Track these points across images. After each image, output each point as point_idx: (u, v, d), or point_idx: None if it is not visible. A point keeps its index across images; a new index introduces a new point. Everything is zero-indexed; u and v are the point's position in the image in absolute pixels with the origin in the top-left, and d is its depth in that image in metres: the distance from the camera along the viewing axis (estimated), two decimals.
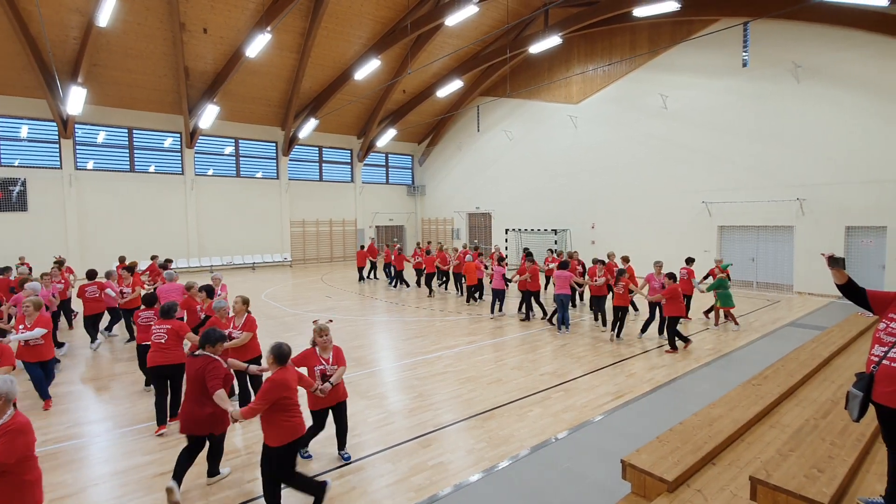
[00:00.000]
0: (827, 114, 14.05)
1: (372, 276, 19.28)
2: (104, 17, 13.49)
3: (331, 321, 5.37)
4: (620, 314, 9.54)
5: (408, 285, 17.01)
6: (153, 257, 13.97)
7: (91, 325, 9.37)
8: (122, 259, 13.30)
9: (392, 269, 17.48)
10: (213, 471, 4.65)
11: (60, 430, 5.78)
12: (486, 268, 13.70)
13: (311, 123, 22.70)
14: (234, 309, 6.15)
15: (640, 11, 14.43)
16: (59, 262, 11.85)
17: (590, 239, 20.55)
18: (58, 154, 19.16)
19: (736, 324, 10.53)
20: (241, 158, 24.04)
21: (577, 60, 20.98)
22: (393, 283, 17.26)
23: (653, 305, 9.79)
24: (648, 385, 7.07)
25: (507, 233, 23.52)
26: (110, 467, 4.93)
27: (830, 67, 13.90)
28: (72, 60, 16.96)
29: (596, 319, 10.86)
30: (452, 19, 15.12)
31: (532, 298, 11.58)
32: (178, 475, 4.25)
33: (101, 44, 16.69)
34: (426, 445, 5.27)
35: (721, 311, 10.79)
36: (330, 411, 4.85)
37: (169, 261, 12.50)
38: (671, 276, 9.02)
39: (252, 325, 6.07)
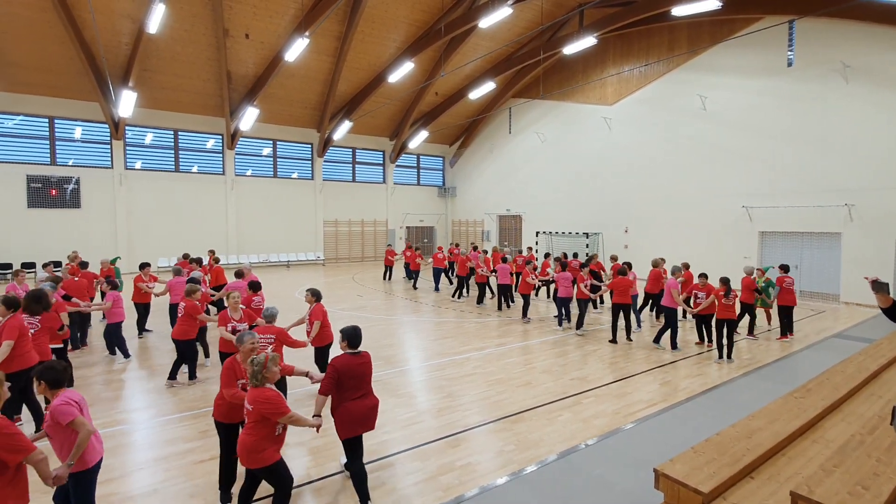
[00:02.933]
0: (878, 116, 13.33)
1: (389, 278, 19.34)
2: (154, 24, 14.18)
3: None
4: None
5: (416, 286, 17.13)
6: (210, 252, 14.35)
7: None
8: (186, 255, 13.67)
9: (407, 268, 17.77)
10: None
11: (109, 416, 6.11)
12: (493, 271, 13.85)
13: (346, 125, 23.13)
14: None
15: (679, 11, 14.07)
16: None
17: (623, 243, 20.14)
18: (109, 154, 20.24)
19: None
20: (278, 159, 24.74)
21: (612, 61, 20.62)
22: (413, 284, 17.39)
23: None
24: (683, 394, 6.89)
25: (537, 235, 23.32)
26: (154, 453, 5.18)
27: (881, 68, 13.18)
28: (123, 65, 17.88)
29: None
30: (486, 21, 15.13)
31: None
32: None
33: (151, 49, 17.53)
34: (454, 446, 5.30)
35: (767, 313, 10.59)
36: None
37: (197, 259, 12.73)
38: (703, 275, 9.08)
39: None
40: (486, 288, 14.50)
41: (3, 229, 18.17)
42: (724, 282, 8.56)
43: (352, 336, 4.25)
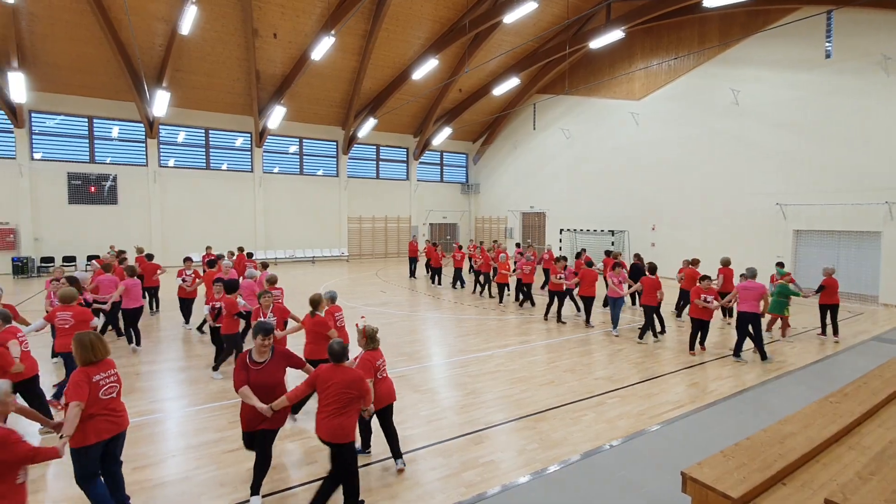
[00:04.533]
0: None
1: (415, 274, 19.39)
2: (186, 26, 14.58)
3: (363, 317, 5.57)
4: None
5: (463, 285, 17.14)
6: (240, 249, 14.70)
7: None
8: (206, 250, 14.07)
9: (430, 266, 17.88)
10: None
11: (143, 405, 6.35)
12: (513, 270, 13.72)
13: (370, 123, 23.33)
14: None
15: (710, 2, 13.64)
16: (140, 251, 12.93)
17: (650, 241, 19.74)
18: (144, 152, 20.96)
19: (783, 335, 9.91)
20: (304, 157, 25.15)
21: (640, 55, 20.18)
22: (436, 280, 17.43)
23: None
24: (712, 396, 6.73)
25: (561, 233, 23.08)
26: (185, 442, 5.36)
27: None
28: (157, 66, 18.46)
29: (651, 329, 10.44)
30: (511, 17, 15.01)
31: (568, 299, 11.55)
32: None
33: (183, 50, 18.04)
34: (477, 443, 5.32)
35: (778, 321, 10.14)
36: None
37: (220, 256, 13.05)
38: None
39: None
40: (507, 287, 14.29)
41: (46, 224, 19.06)
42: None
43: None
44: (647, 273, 9.82)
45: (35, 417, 3.81)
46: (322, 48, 16.30)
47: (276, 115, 20.76)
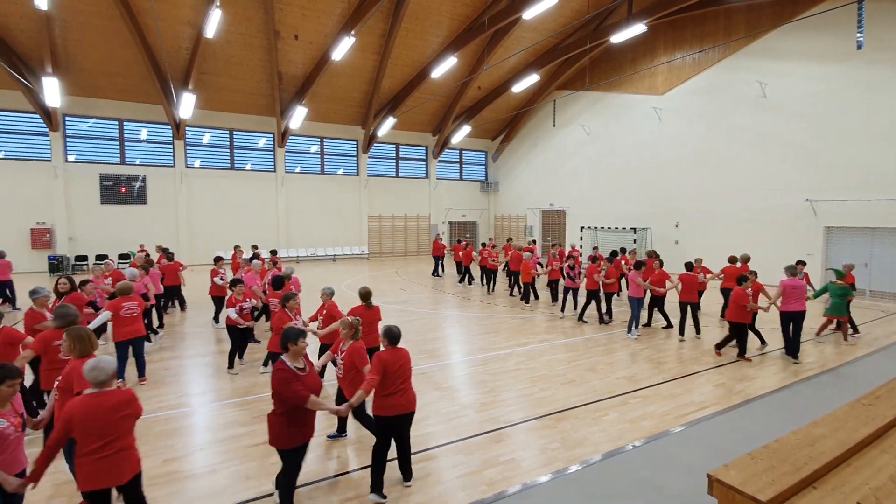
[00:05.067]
0: None
1: (440, 272, 19.43)
2: (211, 29, 14.90)
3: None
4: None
5: (471, 281, 17.12)
6: (272, 252, 14.93)
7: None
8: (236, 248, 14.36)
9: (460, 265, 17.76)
10: None
11: (172, 399, 6.54)
12: (540, 266, 13.57)
13: (390, 122, 23.45)
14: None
15: None
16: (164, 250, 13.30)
17: (673, 238, 19.37)
18: (171, 154, 21.52)
19: (846, 339, 9.44)
20: (325, 156, 25.46)
21: (663, 49, 19.77)
22: (462, 280, 17.40)
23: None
24: (738, 397, 6.58)
25: (581, 230, 22.83)
26: (212, 435, 5.51)
27: None
28: (183, 69, 18.92)
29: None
30: (530, 12, 14.88)
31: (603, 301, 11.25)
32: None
33: (208, 53, 18.44)
34: (498, 441, 5.32)
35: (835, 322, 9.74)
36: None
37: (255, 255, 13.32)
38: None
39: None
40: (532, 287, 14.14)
41: (80, 224, 19.76)
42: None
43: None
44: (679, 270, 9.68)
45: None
46: (342, 48, 16.45)
47: (298, 116, 21.05)
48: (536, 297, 13.72)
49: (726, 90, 17.55)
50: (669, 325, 10.44)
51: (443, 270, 19.21)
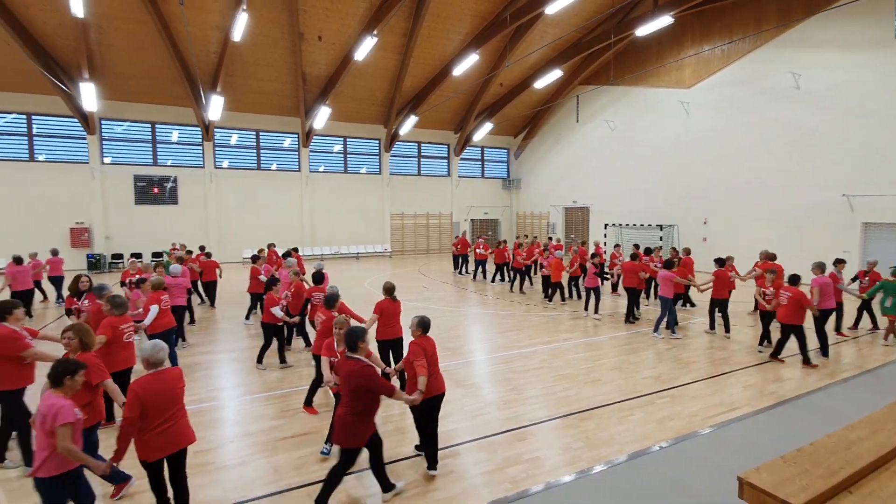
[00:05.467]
0: None
1: (466, 270, 19.41)
2: (238, 32, 15.24)
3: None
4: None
5: (502, 280, 17.07)
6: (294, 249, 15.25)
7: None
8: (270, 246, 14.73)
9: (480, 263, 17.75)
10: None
11: (204, 393, 6.76)
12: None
13: (412, 120, 23.55)
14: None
15: None
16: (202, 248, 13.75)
17: (701, 236, 18.90)
18: (201, 155, 22.14)
19: (886, 339, 9.06)
20: (348, 155, 25.76)
21: (690, 41, 19.28)
22: (493, 279, 17.25)
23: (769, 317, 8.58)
24: (770, 399, 6.40)
25: (605, 228, 22.50)
26: (242, 428, 5.67)
27: None
28: (212, 72, 19.42)
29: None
30: (553, 7, 14.72)
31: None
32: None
33: (235, 56, 18.87)
34: (521, 439, 5.32)
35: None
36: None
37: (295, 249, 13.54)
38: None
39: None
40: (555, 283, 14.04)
41: (115, 223, 20.54)
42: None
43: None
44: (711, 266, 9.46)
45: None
46: (364, 48, 16.59)
47: (322, 116, 21.34)
48: (564, 298, 13.46)
49: (757, 82, 17.00)
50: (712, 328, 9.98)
51: (466, 268, 19.21)
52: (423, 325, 4.78)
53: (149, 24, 16.62)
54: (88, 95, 16.84)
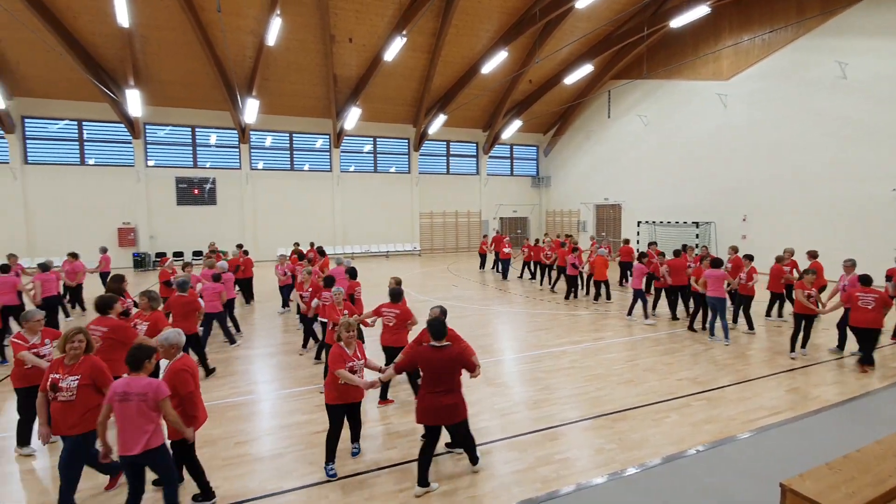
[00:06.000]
0: None
1: (499, 267, 19.24)
2: (272, 37, 15.65)
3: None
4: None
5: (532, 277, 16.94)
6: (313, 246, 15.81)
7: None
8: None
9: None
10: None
11: (241, 387, 7.00)
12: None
13: (440, 119, 23.62)
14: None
15: None
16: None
17: (740, 233, 18.22)
18: (238, 157, 22.88)
19: None
20: (377, 155, 26.08)
21: (728, 31, 18.58)
22: (532, 277, 17.06)
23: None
24: (815, 403, 6.14)
25: (639, 225, 21.98)
26: (277, 422, 5.85)
27: None
28: (248, 76, 20.03)
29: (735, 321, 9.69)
30: (583, 1, 14.45)
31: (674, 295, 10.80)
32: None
33: (269, 60, 19.40)
34: (552, 439, 5.28)
35: None
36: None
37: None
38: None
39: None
40: (578, 281, 13.83)
41: (159, 223, 21.49)
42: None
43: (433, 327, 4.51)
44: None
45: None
46: (394, 49, 16.75)
47: (352, 117, 21.67)
48: (609, 296, 13.22)
49: (800, 72, 16.24)
50: (751, 329, 9.60)
51: (499, 267, 19.05)
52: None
53: (188, 31, 17.28)
54: (134, 101, 17.67)
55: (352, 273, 8.58)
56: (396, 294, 6.43)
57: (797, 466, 4.12)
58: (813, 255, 10.06)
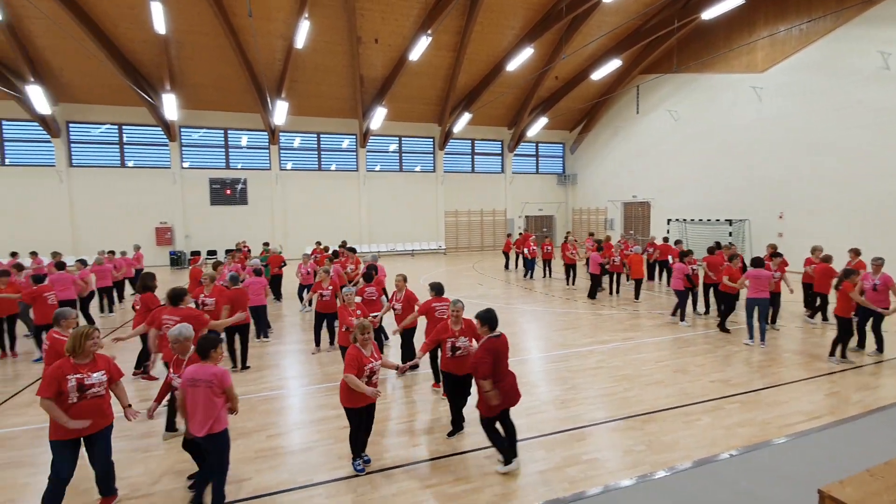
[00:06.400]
0: None
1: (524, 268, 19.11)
2: (300, 40, 15.97)
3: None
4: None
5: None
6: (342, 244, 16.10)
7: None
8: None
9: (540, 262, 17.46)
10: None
11: (273, 382, 7.20)
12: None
13: (465, 117, 23.62)
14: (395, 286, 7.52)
15: None
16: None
17: (776, 231, 17.59)
18: (268, 158, 23.46)
19: None
20: (403, 154, 26.28)
21: (763, 22, 17.93)
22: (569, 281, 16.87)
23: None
24: (856, 408, 5.90)
25: (668, 223, 21.47)
26: (307, 416, 6.00)
27: None
28: (277, 79, 20.49)
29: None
30: None
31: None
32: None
33: (298, 62, 19.79)
34: (580, 439, 5.25)
35: None
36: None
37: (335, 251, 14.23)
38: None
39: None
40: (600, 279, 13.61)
41: (194, 223, 22.25)
42: None
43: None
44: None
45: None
46: (419, 49, 16.83)
47: (378, 117, 21.90)
48: (638, 295, 13.03)
49: (839, 63, 15.54)
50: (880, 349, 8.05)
51: (516, 266, 19.03)
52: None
53: (221, 36, 17.80)
54: (170, 105, 18.33)
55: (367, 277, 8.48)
56: (439, 288, 6.95)
57: (836, 472, 3.97)
58: (856, 253, 9.65)
